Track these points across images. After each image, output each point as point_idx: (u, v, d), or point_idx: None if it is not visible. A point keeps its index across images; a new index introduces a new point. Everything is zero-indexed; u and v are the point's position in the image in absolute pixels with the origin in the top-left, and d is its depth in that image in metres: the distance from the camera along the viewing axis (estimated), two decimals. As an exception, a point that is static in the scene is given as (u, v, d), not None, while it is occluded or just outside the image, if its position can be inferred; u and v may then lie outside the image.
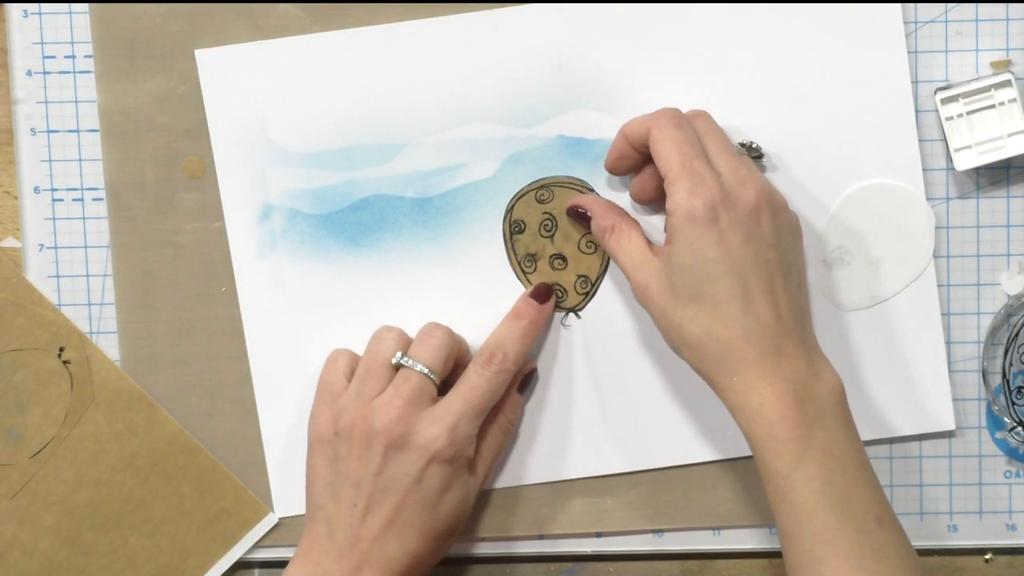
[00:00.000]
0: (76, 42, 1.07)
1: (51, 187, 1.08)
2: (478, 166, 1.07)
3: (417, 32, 1.06)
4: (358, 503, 1.00)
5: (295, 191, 1.07)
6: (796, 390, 0.94)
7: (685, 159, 0.97)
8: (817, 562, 0.93)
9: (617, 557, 1.11)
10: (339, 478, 1.00)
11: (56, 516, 1.08)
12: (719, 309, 0.95)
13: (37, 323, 1.08)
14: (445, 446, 0.99)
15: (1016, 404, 1.08)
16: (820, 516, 0.93)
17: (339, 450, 1.01)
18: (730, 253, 0.95)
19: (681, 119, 0.99)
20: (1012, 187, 1.07)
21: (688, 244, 0.96)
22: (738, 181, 0.97)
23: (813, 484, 0.93)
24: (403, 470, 0.99)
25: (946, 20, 1.06)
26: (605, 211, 1.03)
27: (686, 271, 0.96)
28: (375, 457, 0.99)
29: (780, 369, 0.95)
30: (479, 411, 1.01)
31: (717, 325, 0.95)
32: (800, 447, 0.93)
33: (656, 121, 0.99)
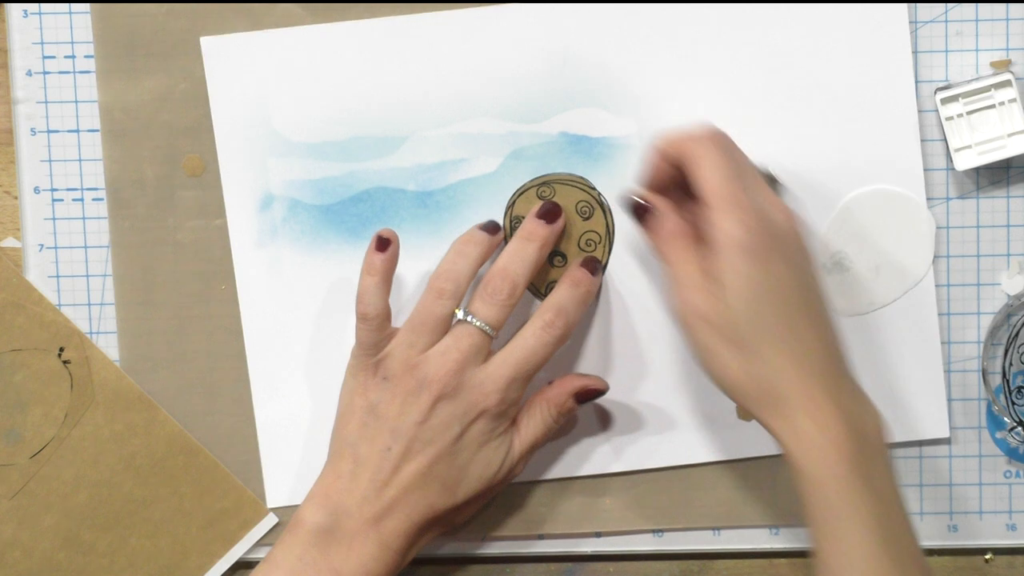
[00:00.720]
0: (76, 42, 1.07)
1: (51, 187, 1.08)
2: (480, 161, 1.07)
3: (423, 26, 1.06)
4: (393, 448, 0.98)
5: (297, 181, 1.07)
6: (853, 426, 0.92)
7: (732, 187, 0.94)
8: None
9: (617, 557, 1.11)
10: (377, 421, 0.99)
11: (56, 516, 1.09)
12: (770, 348, 0.92)
13: (37, 323, 1.08)
14: (494, 404, 0.99)
15: (1016, 404, 1.08)
16: (873, 562, 0.90)
17: (383, 393, 0.99)
18: (779, 286, 0.93)
19: (724, 140, 0.97)
20: (1012, 187, 1.07)
21: (739, 278, 0.92)
22: (774, 208, 0.95)
23: (868, 525, 0.90)
24: (448, 423, 0.98)
25: (946, 20, 1.06)
26: (671, 211, 0.99)
27: (738, 306, 0.93)
28: (422, 406, 0.98)
29: (836, 404, 0.92)
30: (531, 374, 1.00)
31: (766, 368, 0.93)
32: (859, 486, 0.90)
33: (697, 141, 0.96)
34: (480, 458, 1.00)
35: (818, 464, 0.91)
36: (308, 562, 0.97)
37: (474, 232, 1.02)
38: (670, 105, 1.06)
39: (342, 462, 0.99)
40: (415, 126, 1.07)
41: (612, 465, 1.08)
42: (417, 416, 0.98)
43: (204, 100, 1.06)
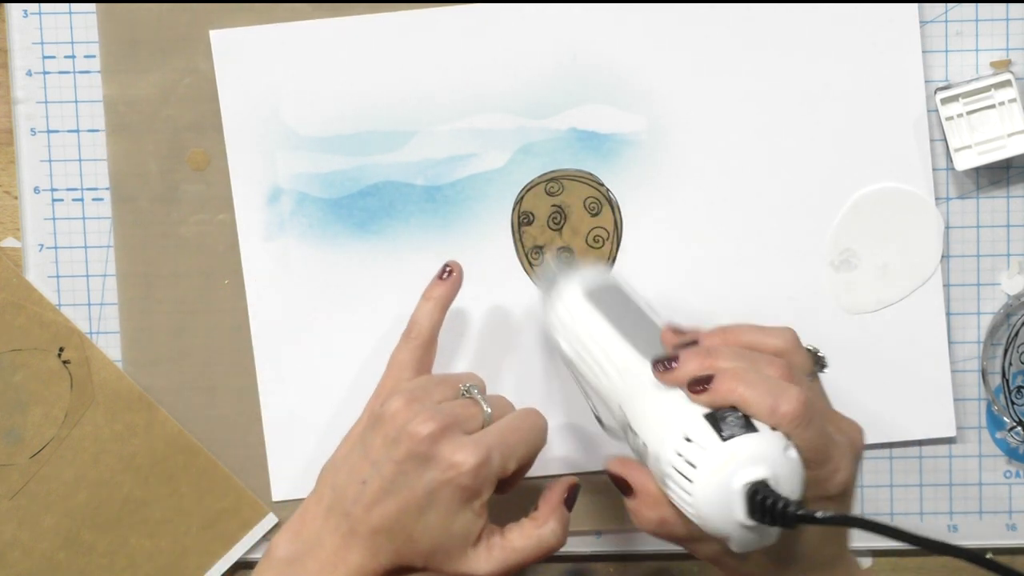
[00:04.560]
0: (76, 42, 1.07)
1: (51, 187, 1.08)
2: (489, 156, 1.07)
3: (433, 21, 1.06)
4: (368, 484, 0.94)
5: (305, 174, 1.07)
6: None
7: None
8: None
9: (617, 557, 1.11)
10: (363, 450, 0.95)
11: (56, 516, 1.08)
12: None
13: (37, 323, 1.08)
14: (464, 477, 0.92)
15: (1016, 404, 1.08)
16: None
17: (374, 423, 0.96)
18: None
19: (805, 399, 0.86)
20: (1012, 187, 1.07)
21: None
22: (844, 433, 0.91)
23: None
24: (417, 480, 0.93)
25: (946, 20, 1.06)
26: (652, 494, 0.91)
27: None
28: (397, 454, 0.93)
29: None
30: (514, 449, 0.95)
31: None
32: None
33: (793, 410, 0.85)
34: (448, 529, 0.93)
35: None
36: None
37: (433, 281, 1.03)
38: (680, 102, 1.06)
39: (323, 488, 0.97)
40: (424, 121, 1.07)
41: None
42: (392, 460, 0.93)
43: (209, 95, 1.06)
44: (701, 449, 0.83)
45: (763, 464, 0.82)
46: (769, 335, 0.90)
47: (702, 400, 0.86)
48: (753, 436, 0.83)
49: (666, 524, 0.89)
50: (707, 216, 1.07)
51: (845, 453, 0.87)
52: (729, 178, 1.07)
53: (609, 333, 0.94)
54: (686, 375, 0.87)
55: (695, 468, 0.83)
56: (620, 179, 1.07)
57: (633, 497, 0.90)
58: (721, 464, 0.82)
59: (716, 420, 0.84)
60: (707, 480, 0.82)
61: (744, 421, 0.83)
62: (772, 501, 0.81)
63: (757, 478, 0.81)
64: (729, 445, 0.82)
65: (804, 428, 0.84)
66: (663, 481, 0.86)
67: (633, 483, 0.90)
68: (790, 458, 0.83)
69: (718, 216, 1.07)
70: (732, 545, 0.84)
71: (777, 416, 0.84)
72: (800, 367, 0.89)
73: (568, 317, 0.97)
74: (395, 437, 0.94)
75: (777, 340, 0.90)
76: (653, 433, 0.87)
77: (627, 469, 0.91)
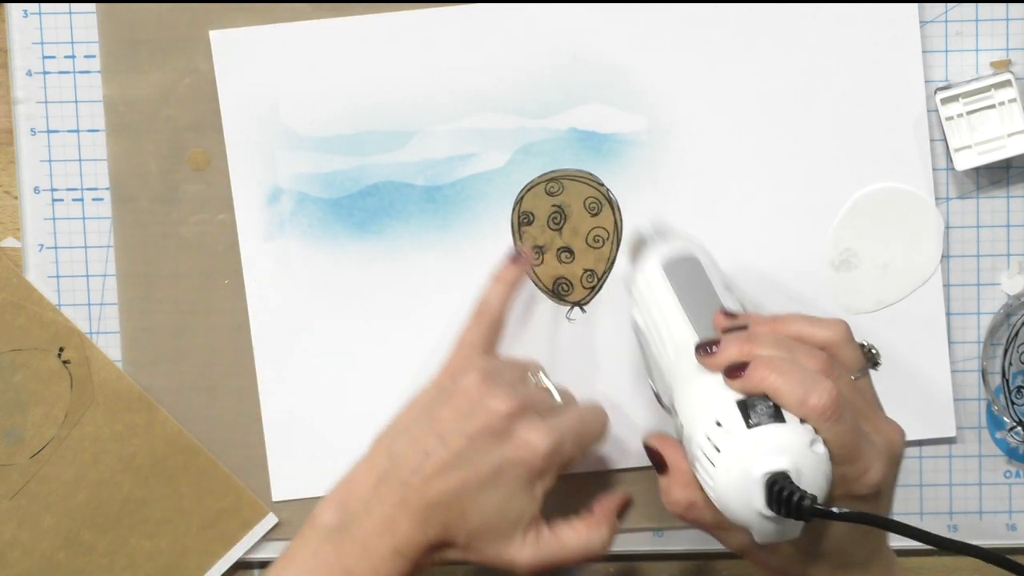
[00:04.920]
0: (76, 42, 1.07)
1: (51, 187, 1.08)
2: (489, 156, 1.07)
3: (433, 21, 1.06)
4: (432, 455, 0.92)
5: (305, 175, 1.07)
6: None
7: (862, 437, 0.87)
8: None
9: (617, 557, 1.11)
10: (429, 421, 0.94)
11: (56, 516, 1.08)
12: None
13: (37, 323, 1.08)
14: (537, 458, 0.92)
15: (1016, 404, 1.08)
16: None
17: (444, 396, 0.95)
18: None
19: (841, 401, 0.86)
20: (1012, 187, 1.07)
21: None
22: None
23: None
24: (488, 456, 0.92)
25: (946, 20, 1.06)
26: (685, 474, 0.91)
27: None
28: (471, 428, 0.92)
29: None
30: (583, 440, 0.96)
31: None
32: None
33: (823, 403, 0.85)
34: (503, 509, 0.93)
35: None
36: (321, 558, 0.93)
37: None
38: (680, 102, 1.06)
39: (378, 455, 0.94)
40: (424, 121, 1.07)
41: (613, 462, 1.08)
42: (464, 434, 0.92)
43: (209, 95, 1.06)
44: (727, 434, 0.83)
45: (786, 455, 0.81)
46: (819, 327, 0.90)
47: (736, 386, 0.86)
48: (780, 426, 0.82)
49: (695, 508, 0.89)
50: (707, 216, 1.07)
51: (879, 454, 0.87)
52: (729, 178, 1.07)
53: (676, 309, 0.94)
54: (725, 360, 0.87)
55: (719, 452, 0.83)
56: (620, 179, 1.07)
57: (666, 474, 0.90)
58: (744, 451, 0.82)
59: (746, 407, 0.84)
60: (729, 466, 0.82)
61: (774, 411, 0.83)
62: (789, 493, 0.80)
63: (778, 468, 0.81)
64: (754, 433, 0.82)
65: (833, 423, 0.84)
66: (693, 464, 0.85)
67: (668, 460, 0.90)
68: (816, 452, 0.82)
69: (718, 216, 1.07)
70: (755, 535, 0.84)
71: (806, 408, 0.83)
72: (847, 362, 0.89)
73: (645, 287, 0.97)
74: (469, 411, 0.93)
75: (826, 332, 0.90)
76: (690, 415, 0.87)
77: (664, 445, 0.90)
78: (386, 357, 1.08)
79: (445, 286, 1.07)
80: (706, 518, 0.89)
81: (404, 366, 1.08)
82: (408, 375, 1.08)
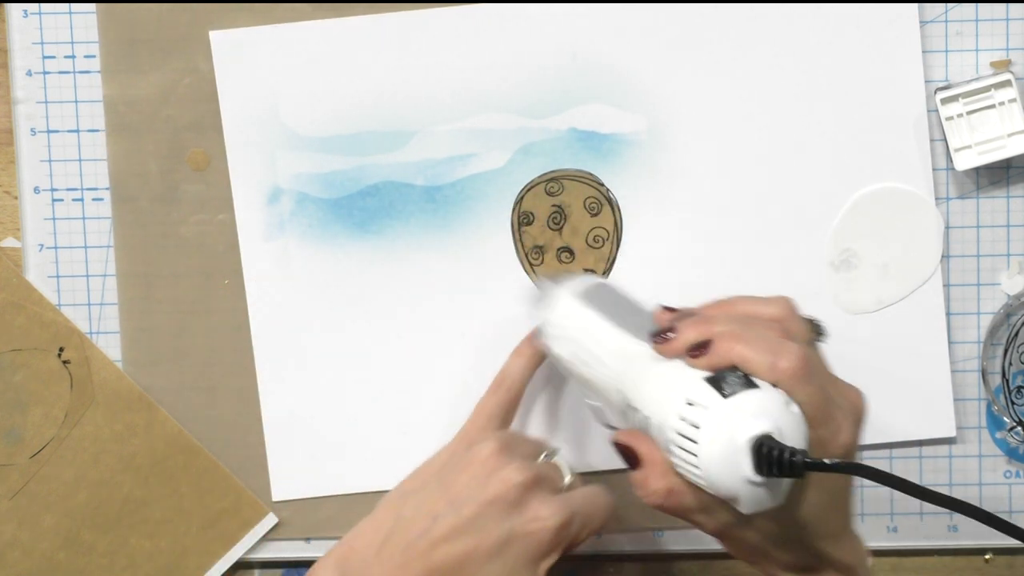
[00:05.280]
0: (76, 42, 1.07)
1: (51, 187, 1.08)
2: (489, 156, 1.07)
3: (433, 21, 1.06)
4: (440, 520, 0.90)
5: (305, 175, 1.07)
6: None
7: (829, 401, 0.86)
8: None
9: (617, 557, 1.11)
10: (439, 485, 0.93)
11: (56, 516, 1.08)
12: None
13: (37, 323, 1.08)
14: (545, 533, 0.90)
15: (1016, 404, 1.08)
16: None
17: (458, 463, 0.93)
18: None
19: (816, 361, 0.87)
20: (1012, 187, 1.07)
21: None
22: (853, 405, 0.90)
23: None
24: (497, 526, 0.90)
25: (946, 20, 1.06)
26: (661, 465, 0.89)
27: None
28: (484, 496, 0.91)
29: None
30: (591, 521, 0.93)
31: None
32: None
33: (793, 366, 0.84)
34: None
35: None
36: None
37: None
38: (680, 102, 1.06)
39: (384, 516, 0.93)
40: (424, 121, 1.07)
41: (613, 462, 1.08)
42: (476, 501, 0.90)
43: (209, 95, 1.06)
44: (704, 409, 0.83)
45: (766, 418, 0.81)
46: (765, 304, 0.90)
47: (702, 364, 0.85)
48: (755, 392, 0.83)
49: (674, 494, 0.88)
50: (707, 216, 1.07)
51: (847, 415, 0.87)
52: (729, 178, 1.07)
53: (602, 325, 0.94)
54: (685, 343, 0.87)
55: (699, 429, 0.82)
56: (620, 179, 1.07)
57: (641, 468, 0.89)
58: (724, 421, 0.82)
59: (717, 381, 0.84)
60: (712, 439, 0.82)
61: (745, 379, 0.83)
62: (779, 452, 0.80)
63: (762, 431, 0.81)
64: (731, 401, 0.82)
65: (804, 383, 0.84)
66: (667, 449, 0.85)
67: (641, 452, 0.89)
68: (792, 413, 0.82)
69: (718, 216, 1.07)
70: (740, 506, 0.83)
71: (777, 372, 0.84)
72: (797, 335, 0.89)
73: (560, 319, 0.97)
74: (484, 479, 0.91)
75: (773, 308, 0.90)
76: (655, 404, 0.87)
77: (634, 439, 0.89)
78: (386, 357, 1.08)
79: (445, 286, 1.07)
80: (687, 501, 0.88)
81: (404, 366, 1.08)
82: (408, 375, 1.08)
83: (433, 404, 1.08)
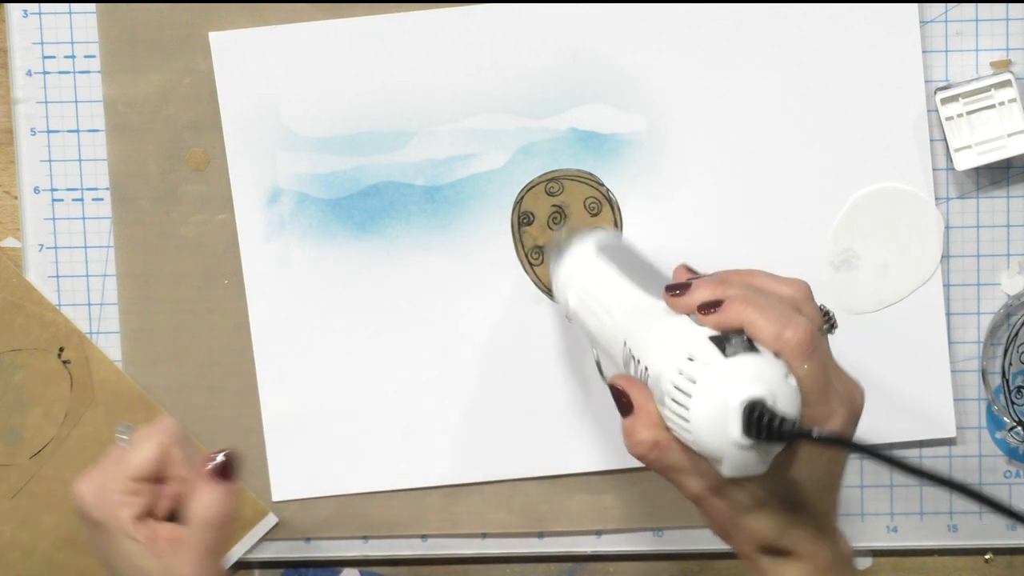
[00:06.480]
0: (76, 42, 1.07)
1: (51, 187, 1.08)
2: (489, 156, 1.07)
3: (433, 21, 1.06)
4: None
5: (305, 175, 1.07)
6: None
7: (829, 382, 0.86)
8: None
9: (617, 557, 1.11)
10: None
11: (56, 516, 1.08)
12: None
13: (37, 323, 1.08)
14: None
15: (1016, 404, 1.08)
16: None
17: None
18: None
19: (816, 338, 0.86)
20: (1012, 187, 1.07)
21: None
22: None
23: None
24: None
25: (946, 20, 1.06)
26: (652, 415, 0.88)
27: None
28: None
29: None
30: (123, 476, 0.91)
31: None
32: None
33: (799, 338, 0.84)
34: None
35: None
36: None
37: None
38: (680, 102, 1.06)
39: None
40: (424, 121, 1.07)
41: (614, 461, 1.08)
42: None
43: (209, 95, 1.06)
44: (703, 365, 0.82)
45: (762, 384, 0.81)
46: (783, 282, 0.89)
47: (710, 322, 0.85)
48: (756, 356, 0.82)
49: (659, 447, 0.86)
50: (707, 216, 1.07)
51: (843, 402, 0.86)
52: (729, 178, 1.07)
53: (617, 278, 0.94)
54: (698, 299, 0.87)
55: (695, 383, 0.82)
56: (620, 179, 1.07)
57: (632, 415, 0.88)
58: (721, 380, 0.81)
59: (721, 341, 0.83)
60: (705, 396, 0.82)
61: (748, 344, 0.83)
62: (769, 418, 0.80)
63: (756, 395, 0.81)
64: (731, 361, 0.82)
65: (807, 359, 0.83)
66: (661, 401, 0.85)
67: (634, 399, 0.88)
68: (790, 385, 0.82)
69: (718, 216, 1.07)
70: (724, 468, 0.83)
71: (782, 342, 0.83)
72: (808, 317, 0.87)
73: (576, 269, 0.97)
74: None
75: (789, 289, 0.89)
76: (656, 355, 0.86)
77: (630, 385, 0.88)
78: (386, 357, 1.08)
79: (445, 286, 1.07)
80: (670, 458, 0.87)
81: (404, 366, 1.08)
82: (408, 375, 1.08)
83: (433, 404, 1.08)
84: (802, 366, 0.83)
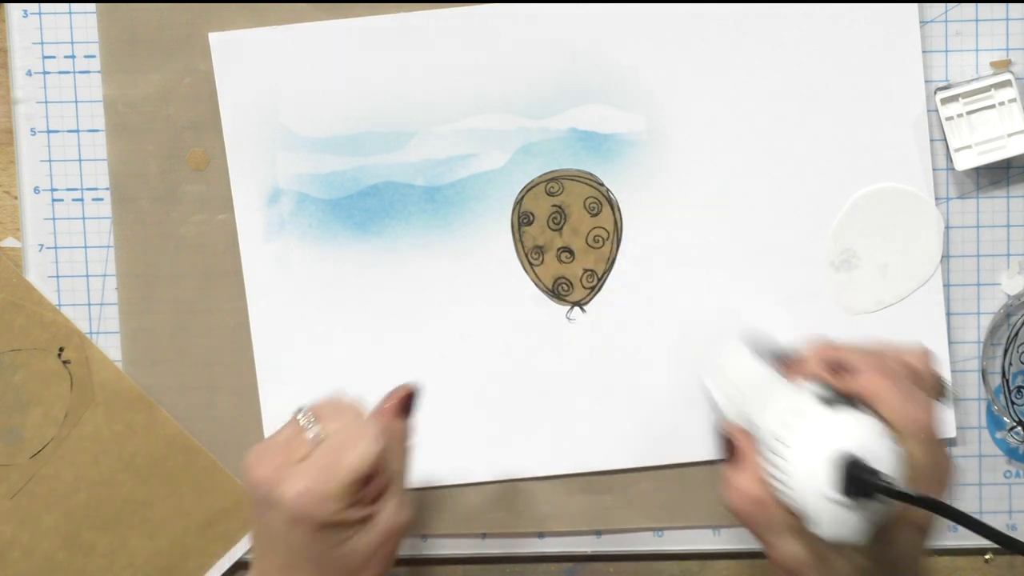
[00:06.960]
0: (76, 42, 1.07)
1: (51, 187, 1.08)
2: (489, 156, 1.07)
3: (433, 21, 1.06)
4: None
5: (305, 175, 1.07)
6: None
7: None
8: None
9: (617, 557, 1.11)
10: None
11: (56, 516, 1.08)
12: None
13: (37, 323, 1.08)
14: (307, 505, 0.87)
15: (1016, 404, 1.08)
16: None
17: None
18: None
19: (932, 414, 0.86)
20: (1012, 187, 1.07)
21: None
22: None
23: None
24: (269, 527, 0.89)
25: (946, 20, 1.06)
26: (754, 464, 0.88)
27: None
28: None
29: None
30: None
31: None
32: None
33: (923, 419, 0.84)
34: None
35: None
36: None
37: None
38: (680, 102, 1.06)
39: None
40: (424, 121, 1.07)
41: (614, 461, 1.08)
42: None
43: (209, 95, 1.06)
44: (803, 417, 0.82)
45: (861, 441, 0.80)
46: (905, 351, 0.89)
47: (840, 384, 0.85)
48: (858, 414, 0.82)
49: (757, 501, 0.85)
50: (707, 216, 1.07)
51: (940, 480, 0.85)
52: (729, 178, 1.07)
53: (765, 373, 0.92)
54: (827, 359, 0.87)
55: (794, 434, 0.82)
56: (620, 179, 1.07)
57: (735, 464, 0.87)
58: (820, 432, 0.81)
59: (826, 397, 0.83)
60: (804, 445, 0.81)
61: (851, 403, 0.83)
62: (861, 471, 0.79)
63: (852, 450, 0.80)
64: (833, 415, 0.81)
65: (924, 441, 0.82)
66: (763, 453, 0.84)
67: (740, 447, 0.87)
68: (889, 448, 0.81)
69: (718, 216, 1.07)
70: (821, 528, 0.81)
71: (905, 417, 0.82)
72: (926, 389, 0.87)
73: (732, 371, 0.95)
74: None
75: (912, 357, 0.88)
76: (763, 410, 0.86)
77: (738, 434, 0.88)
78: (386, 357, 1.08)
79: (445, 286, 1.07)
80: (767, 515, 0.85)
81: (404, 366, 1.08)
82: (408, 375, 1.08)
83: (433, 404, 1.08)
84: (918, 445, 0.82)
